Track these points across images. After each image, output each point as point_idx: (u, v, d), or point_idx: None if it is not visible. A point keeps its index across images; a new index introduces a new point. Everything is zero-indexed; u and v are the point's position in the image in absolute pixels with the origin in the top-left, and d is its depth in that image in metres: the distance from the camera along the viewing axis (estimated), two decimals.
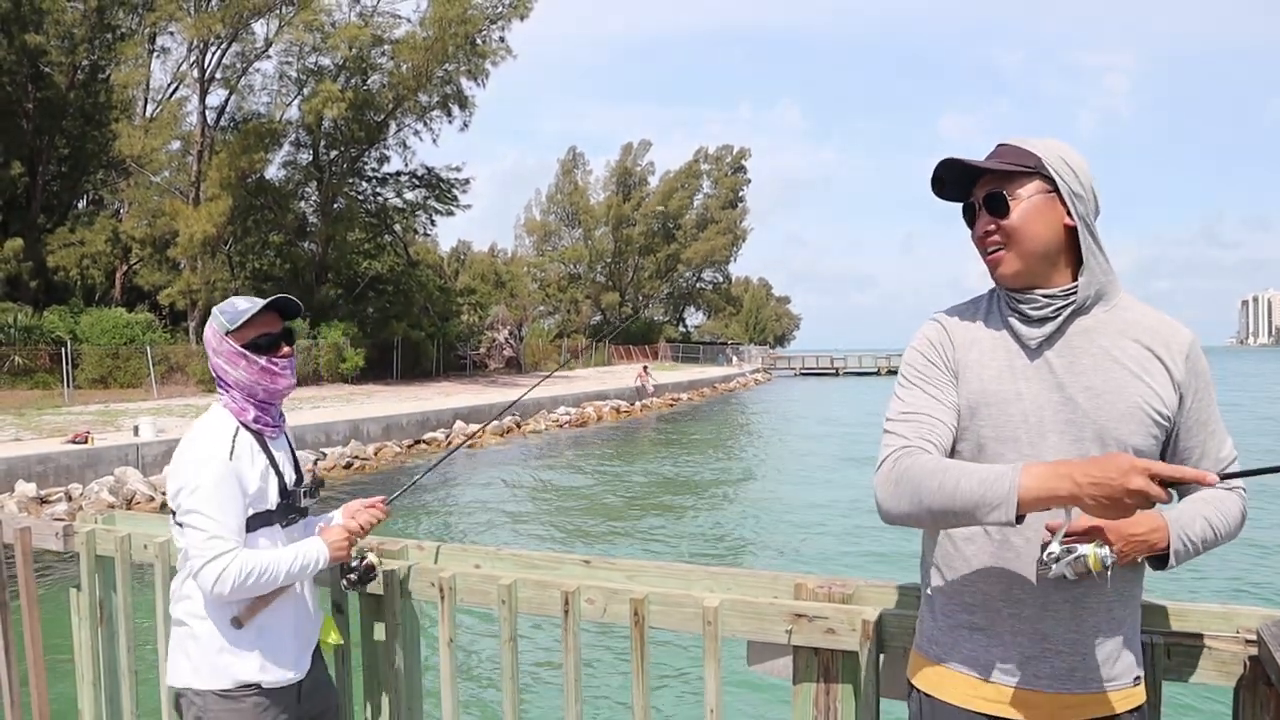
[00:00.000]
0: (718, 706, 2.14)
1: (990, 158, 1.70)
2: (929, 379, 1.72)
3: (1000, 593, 1.66)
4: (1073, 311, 1.67)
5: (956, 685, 1.69)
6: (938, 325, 1.78)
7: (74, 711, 3.15)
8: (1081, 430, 1.62)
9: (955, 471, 1.51)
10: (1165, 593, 2.02)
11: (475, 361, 48.21)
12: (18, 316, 28.85)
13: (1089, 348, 1.66)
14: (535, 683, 7.15)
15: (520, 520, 15.42)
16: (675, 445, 27.33)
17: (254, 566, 2.20)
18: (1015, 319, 1.70)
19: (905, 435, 1.65)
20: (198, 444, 2.26)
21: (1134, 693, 1.67)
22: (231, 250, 37.47)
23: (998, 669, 1.66)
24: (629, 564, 2.43)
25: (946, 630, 1.72)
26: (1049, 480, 1.41)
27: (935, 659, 1.74)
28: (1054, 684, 1.63)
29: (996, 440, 1.65)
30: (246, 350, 2.31)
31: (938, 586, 1.75)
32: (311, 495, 2.48)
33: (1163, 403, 1.64)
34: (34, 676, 3.25)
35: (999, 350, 1.70)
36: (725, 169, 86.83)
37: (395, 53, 37.61)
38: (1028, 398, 1.65)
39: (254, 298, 2.40)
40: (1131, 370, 1.64)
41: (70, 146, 37.28)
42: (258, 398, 2.35)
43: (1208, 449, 1.70)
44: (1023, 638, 1.64)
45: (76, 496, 14.73)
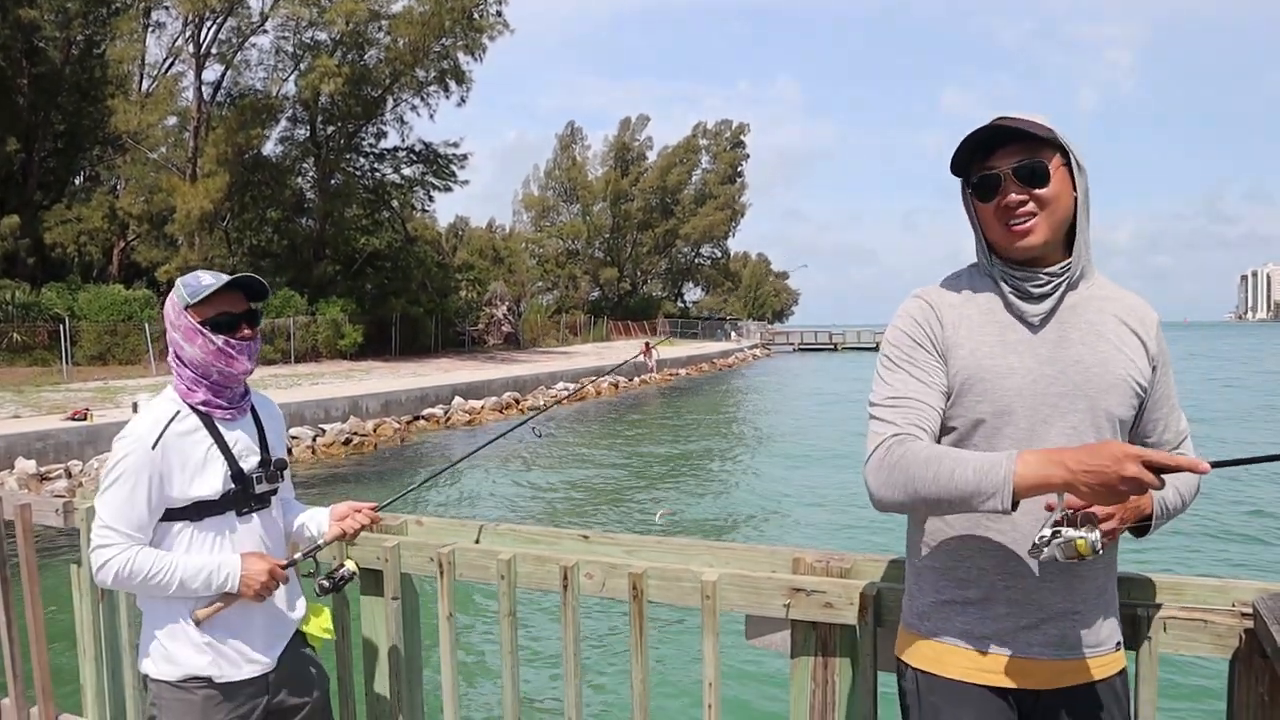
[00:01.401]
0: (716, 679, 2.15)
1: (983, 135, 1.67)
2: (916, 361, 1.71)
3: (995, 566, 1.67)
4: (1066, 287, 1.70)
5: (955, 659, 1.71)
6: (923, 303, 1.76)
7: (76, 687, 3.16)
8: (1074, 403, 1.65)
9: (950, 460, 1.52)
10: (1163, 567, 2.03)
11: (474, 337, 48.17)
12: (15, 294, 28.77)
13: (1077, 323, 1.70)
14: (534, 656, 7.20)
15: (519, 495, 15.47)
16: (674, 421, 27.36)
17: (144, 568, 2.12)
18: (1015, 295, 1.70)
19: (895, 422, 1.65)
20: (131, 428, 2.18)
21: (1117, 657, 1.73)
22: (229, 226, 37.34)
23: (995, 640, 1.68)
24: (628, 539, 2.44)
25: (938, 606, 1.73)
26: (1044, 468, 1.44)
27: (929, 634, 1.75)
28: (1048, 651, 1.66)
29: (993, 416, 1.66)
30: (204, 327, 2.20)
31: (928, 563, 1.76)
32: (270, 480, 2.34)
33: (1142, 375, 1.70)
34: (35, 652, 3.27)
35: (989, 326, 1.71)
36: (724, 144, 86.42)
37: (392, 27, 37.33)
38: (1020, 372, 1.66)
39: (218, 273, 2.28)
40: (1114, 344, 1.69)
41: (66, 122, 37.05)
42: (211, 379, 2.24)
43: (1170, 421, 1.78)
44: (1018, 608, 1.66)
45: (76, 473, 14.77)
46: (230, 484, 2.24)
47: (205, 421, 2.24)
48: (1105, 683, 1.70)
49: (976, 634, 1.69)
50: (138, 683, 3.05)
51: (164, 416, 2.20)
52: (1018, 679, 1.67)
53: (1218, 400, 30.33)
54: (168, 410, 2.21)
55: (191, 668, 2.21)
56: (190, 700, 2.21)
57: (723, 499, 15.29)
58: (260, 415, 2.40)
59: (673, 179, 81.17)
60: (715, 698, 2.15)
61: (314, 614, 2.48)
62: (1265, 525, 12.42)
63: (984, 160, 1.68)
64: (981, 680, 1.68)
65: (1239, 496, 14.07)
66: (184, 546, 2.20)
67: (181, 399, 2.24)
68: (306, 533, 2.48)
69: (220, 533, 2.24)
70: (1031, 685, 1.67)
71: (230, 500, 2.25)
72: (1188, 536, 11.54)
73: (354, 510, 2.44)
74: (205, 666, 2.21)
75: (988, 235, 1.72)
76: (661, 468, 18.59)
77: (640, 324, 71.63)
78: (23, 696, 3.33)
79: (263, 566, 2.23)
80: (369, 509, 2.45)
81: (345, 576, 2.41)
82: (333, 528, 2.41)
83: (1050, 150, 1.65)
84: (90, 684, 3.10)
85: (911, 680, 1.78)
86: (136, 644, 3.02)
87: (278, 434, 2.44)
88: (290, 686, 2.37)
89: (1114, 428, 1.67)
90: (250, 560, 2.23)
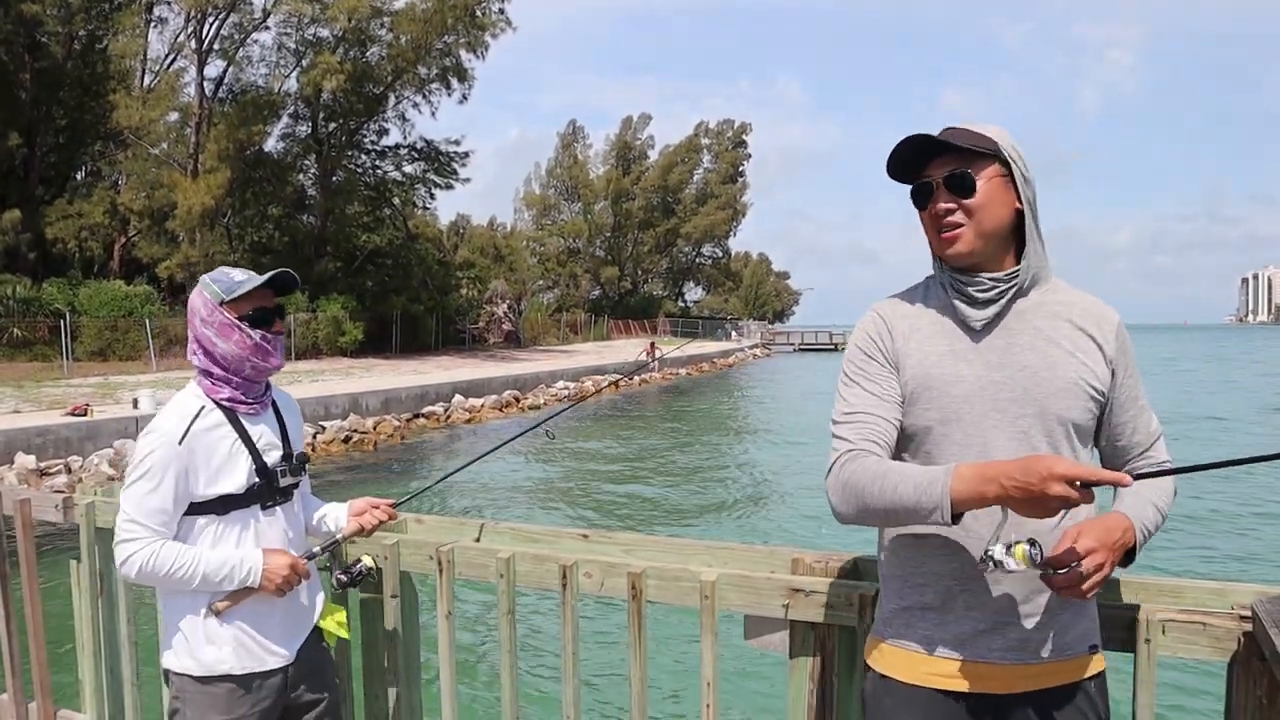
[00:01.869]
0: (714, 679, 2.15)
1: (906, 146, 1.71)
2: (869, 375, 1.75)
3: (952, 571, 1.69)
4: (1014, 294, 1.72)
5: (909, 663, 1.73)
6: (876, 316, 1.80)
7: (74, 682, 3.17)
8: (1023, 408, 1.68)
9: (894, 477, 1.57)
10: (1161, 570, 2.04)
11: (474, 335, 48.17)
12: (16, 288, 28.78)
13: (1025, 329, 1.72)
14: (533, 655, 7.20)
15: (518, 494, 15.47)
16: (674, 420, 27.38)
17: (168, 562, 2.13)
18: (960, 301, 1.73)
19: (849, 439, 1.69)
20: (156, 423, 2.19)
21: (1090, 660, 1.72)
22: (230, 223, 37.36)
23: (950, 645, 1.69)
24: (627, 538, 2.44)
25: (900, 612, 1.76)
26: (977, 484, 1.48)
27: (890, 639, 1.77)
28: (1009, 655, 1.67)
29: (941, 422, 1.69)
30: (242, 323, 2.21)
31: (891, 569, 1.79)
32: (294, 474, 2.36)
33: (1097, 378, 1.71)
34: (34, 647, 3.27)
35: (939, 335, 1.74)
36: (725, 144, 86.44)
37: (394, 24, 37.33)
38: (969, 379, 1.69)
39: (249, 270, 2.30)
40: (1066, 349, 1.71)
41: (68, 117, 37.06)
42: (242, 374, 2.25)
43: (1139, 423, 1.78)
44: (976, 612, 1.68)
45: (76, 469, 14.76)
46: (255, 478, 2.26)
47: (230, 416, 2.25)
48: (1075, 686, 1.69)
49: (934, 638, 1.71)
50: (136, 679, 3.06)
51: (190, 412, 2.21)
52: (975, 683, 1.67)
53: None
54: (193, 405, 2.22)
55: (214, 661, 2.22)
56: (213, 694, 2.23)
57: (722, 498, 15.28)
58: (281, 410, 2.42)
59: (674, 178, 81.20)
60: (714, 697, 2.15)
61: (330, 611, 2.49)
62: (1265, 528, 12.43)
63: (921, 169, 1.72)
64: (934, 684, 1.70)
65: (1239, 499, 14.08)
66: (209, 541, 2.22)
67: (206, 394, 2.25)
68: (325, 527, 2.51)
69: (244, 527, 2.26)
70: (990, 689, 1.67)
71: (255, 494, 2.27)
72: (1188, 539, 11.55)
73: (372, 506, 2.46)
74: (228, 659, 2.23)
75: (929, 241, 1.77)
76: (660, 466, 18.59)
77: (641, 323, 71.65)
78: (21, 692, 3.33)
79: (284, 561, 2.25)
80: (387, 505, 2.47)
81: (363, 571, 2.44)
82: (351, 523, 2.44)
83: (986, 161, 1.68)
84: (89, 680, 3.11)
85: (870, 682, 1.80)
86: (135, 640, 3.03)
87: (297, 429, 2.46)
88: (307, 682, 2.38)
89: (1068, 432, 1.69)
90: (272, 555, 2.25)
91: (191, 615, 2.23)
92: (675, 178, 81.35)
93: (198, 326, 2.25)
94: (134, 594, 3.03)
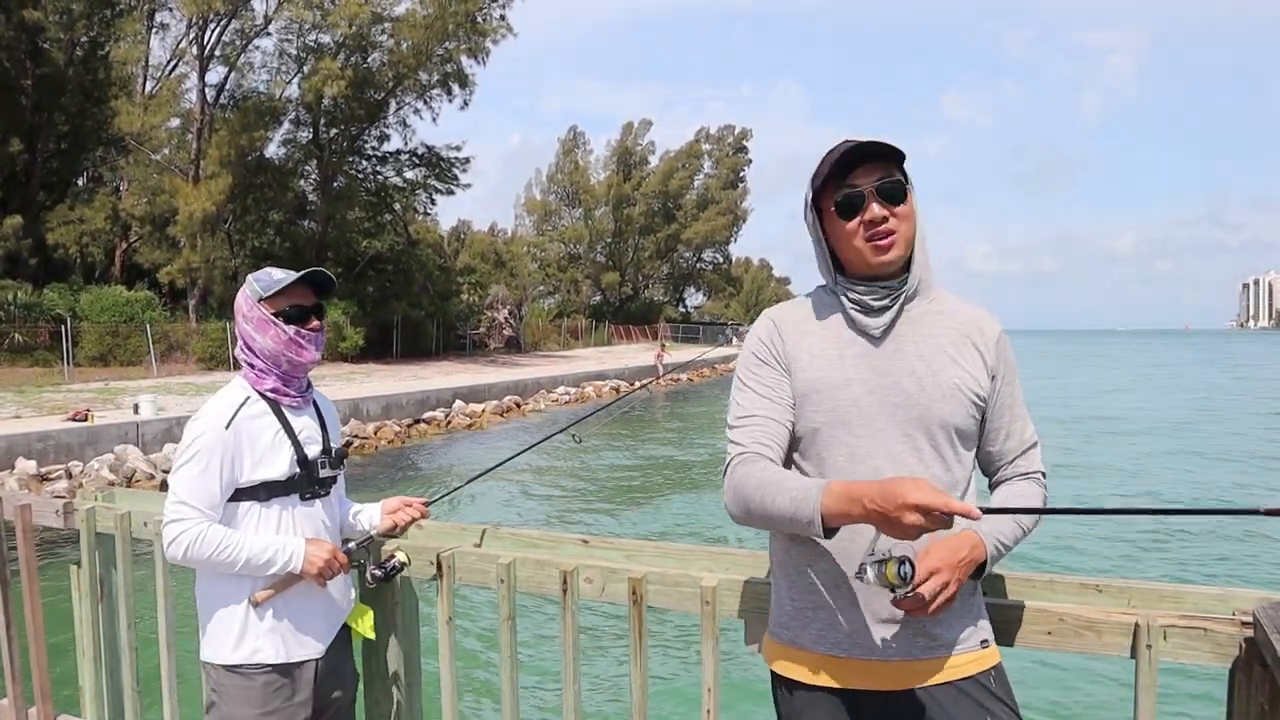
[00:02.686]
0: (715, 685, 2.15)
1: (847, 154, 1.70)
2: (761, 379, 1.79)
3: (836, 572, 1.73)
4: (904, 301, 1.77)
5: (810, 664, 1.76)
6: (769, 322, 1.85)
7: (75, 687, 3.16)
8: (908, 412, 1.72)
9: (774, 488, 1.62)
10: (1161, 576, 2.04)
11: (475, 341, 48.19)
12: (17, 294, 28.77)
13: (912, 335, 1.77)
14: (534, 661, 7.19)
15: (519, 499, 15.46)
16: (675, 425, 27.37)
17: (213, 544, 2.21)
18: (855, 310, 1.77)
19: (741, 442, 1.75)
20: (204, 410, 2.30)
21: (983, 655, 1.76)
22: (231, 228, 37.36)
23: (844, 644, 1.73)
24: (627, 543, 2.44)
25: (794, 614, 1.79)
26: (844, 503, 1.52)
27: (787, 642, 1.81)
28: (899, 652, 1.71)
29: (829, 425, 1.74)
30: (277, 319, 2.33)
31: (784, 572, 1.83)
32: (332, 466, 2.45)
33: (979, 384, 1.77)
34: (35, 652, 3.27)
35: (830, 340, 1.78)
36: (726, 149, 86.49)
37: (395, 30, 37.36)
38: (857, 384, 1.74)
39: (288, 269, 2.42)
40: (950, 355, 1.76)
41: (69, 123, 37.08)
42: (281, 368, 2.36)
43: (1013, 429, 1.84)
44: (865, 610, 1.72)
45: (77, 474, 14.76)
46: (296, 468, 2.36)
47: (273, 407, 2.36)
48: (970, 680, 1.73)
49: (829, 639, 1.75)
50: (136, 684, 3.06)
51: (236, 400, 2.31)
52: (869, 680, 1.72)
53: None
54: (239, 395, 2.33)
55: (252, 650, 2.28)
56: (250, 685, 2.28)
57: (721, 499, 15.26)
58: (320, 408, 2.52)
59: (675, 184, 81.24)
60: (714, 703, 2.15)
61: (360, 612, 2.55)
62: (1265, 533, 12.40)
63: (843, 179, 1.73)
64: (832, 683, 1.74)
65: (1240, 500, 14.06)
66: (251, 526, 2.30)
67: (251, 386, 2.36)
68: (359, 525, 2.60)
69: (286, 514, 2.34)
70: (880, 686, 1.71)
71: (296, 484, 2.35)
72: (1188, 541, 11.54)
73: (405, 504, 2.57)
74: (266, 649, 2.29)
75: (842, 253, 1.78)
76: (661, 471, 18.57)
77: (642, 328, 71.63)
78: (22, 697, 3.33)
79: (326, 548, 2.34)
80: (420, 504, 2.58)
81: (397, 566, 2.48)
82: (384, 520, 2.54)
83: (899, 169, 1.73)
84: (89, 685, 3.10)
85: (775, 686, 1.85)
86: (135, 645, 3.03)
87: (335, 427, 2.55)
88: (333, 680, 2.45)
89: (950, 436, 1.74)
90: (314, 543, 2.34)
91: (231, 605, 2.30)
92: (676, 183, 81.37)
93: (240, 322, 2.38)
94: (135, 599, 3.03)
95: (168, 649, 2.93)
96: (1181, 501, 14.98)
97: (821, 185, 1.75)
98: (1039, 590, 1.95)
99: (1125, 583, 1.93)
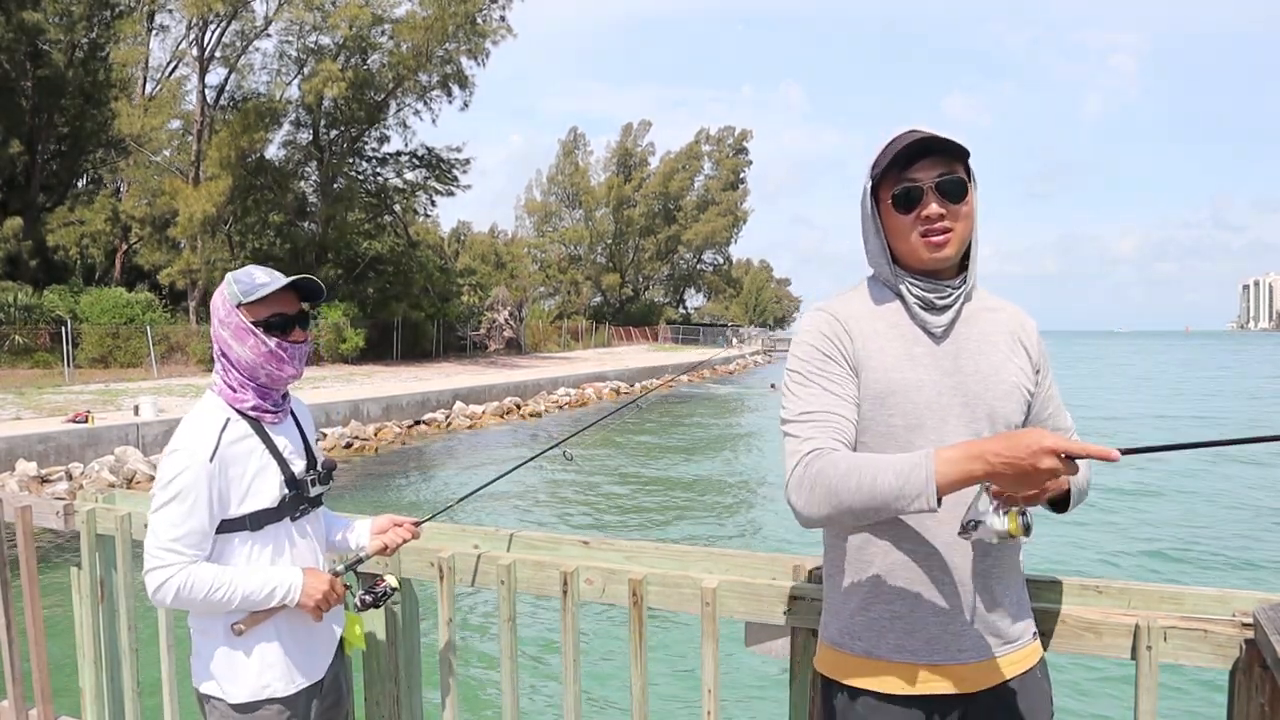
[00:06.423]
0: (715, 686, 2.15)
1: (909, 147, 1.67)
2: (828, 374, 1.71)
3: (919, 578, 1.70)
4: (963, 301, 1.75)
5: (892, 675, 1.71)
6: (829, 317, 1.76)
7: (75, 689, 3.16)
8: (975, 411, 1.70)
9: (871, 468, 1.52)
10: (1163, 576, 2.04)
11: (475, 342, 48.18)
12: (17, 295, 28.77)
13: (971, 334, 1.76)
14: (534, 662, 7.19)
15: (519, 500, 15.45)
16: (675, 427, 27.36)
17: (204, 586, 2.04)
18: (919, 307, 1.73)
19: (812, 436, 1.63)
20: (181, 440, 2.08)
21: (1035, 648, 1.78)
22: (231, 230, 37.35)
23: (923, 651, 1.70)
24: (627, 544, 2.44)
25: (867, 624, 1.73)
26: (963, 463, 1.45)
27: (863, 653, 1.74)
28: (975, 655, 1.70)
29: (906, 429, 1.69)
30: (257, 328, 2.12)
31: (853, 580, 1.76)
32: (323, 483, 2.29)
33: (1030, 380, 1.78)
34: (35, 654, 3.27)
35: (895, 339, 1.74)
36: (726, 150, 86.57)
37: (395, 32, 37.38)
38: (929, 385, 1.70)
39: (274, 271, 2.19)
40: (1005, 354, 1.76)
41: (69, 125, 37.09)
42: (258, 381, 2.15)
43: (1056, 421, 1.85)
44: (944, 616, 1.69)
45: (77, 475, 14.76)
46: (285, 489, 2.18)
47: (255, 427, 2.16)
48: (1028, 674, 1.74)
49: (908, 647, 1.70)
50: (137, 686, 3.06)
51: (215, 425, 2.10)
52: (953, 685, 1.69)
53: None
54: (218, 418, 2.12)
55: (260, 687, 2.15)
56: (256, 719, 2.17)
57: (722, 505, 15.27)
58: (297, 416, 2.34)
59: (675, 185, 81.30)
60: (714, 704, 2.15)
61: (351, 622, 2.44)
62: (1265, 534, 12.40)
63: (903, 171, 1.69)
64: (923, 691, 1.70)
65: (1240, 503, 14.06)
66: (244, 558, 2.13)
67: (228, 404, 2.16)
68: (347, 544, 2.42)
69: (278, 541, 2.18)
70: (969, 688, 1.69)
71: (286, 506, 2.19)
72: (1188, 543, 11.53)
73: (394, 524, 2.38)
74: (275, 684, 2.16)
75: (897, 245, 1.74)
76: (661, 473, 18.57)
77: (642, 330, 71.65)
78: (22, 699, 3.33)
79: (323, 581, 2.18)
80: (410, 524, 2.39)
81: (386, 591, 2.36)
82: (374, 541, 2.35)
83: (962, 165, 1.69)
84: (89, 687, 3.10)
85: (844, 699, 1.76)
86: (136, 647, 3.02)
87: (312, 434, 2.38)
88: (334, 694, 2.36)
89: None
90: (311, 575, 2.18)
91: (219, 638, 2.15)
92: (676, 184, 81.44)
93: (216, 327, 2.17)
94: (135, 601, 3.03)
95: (168, 650, 2.93)
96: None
97: (881, 175, 1.71)
98: (1040, 591, 1.95)
99: (1125, 584, 1.94)
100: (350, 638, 2.43)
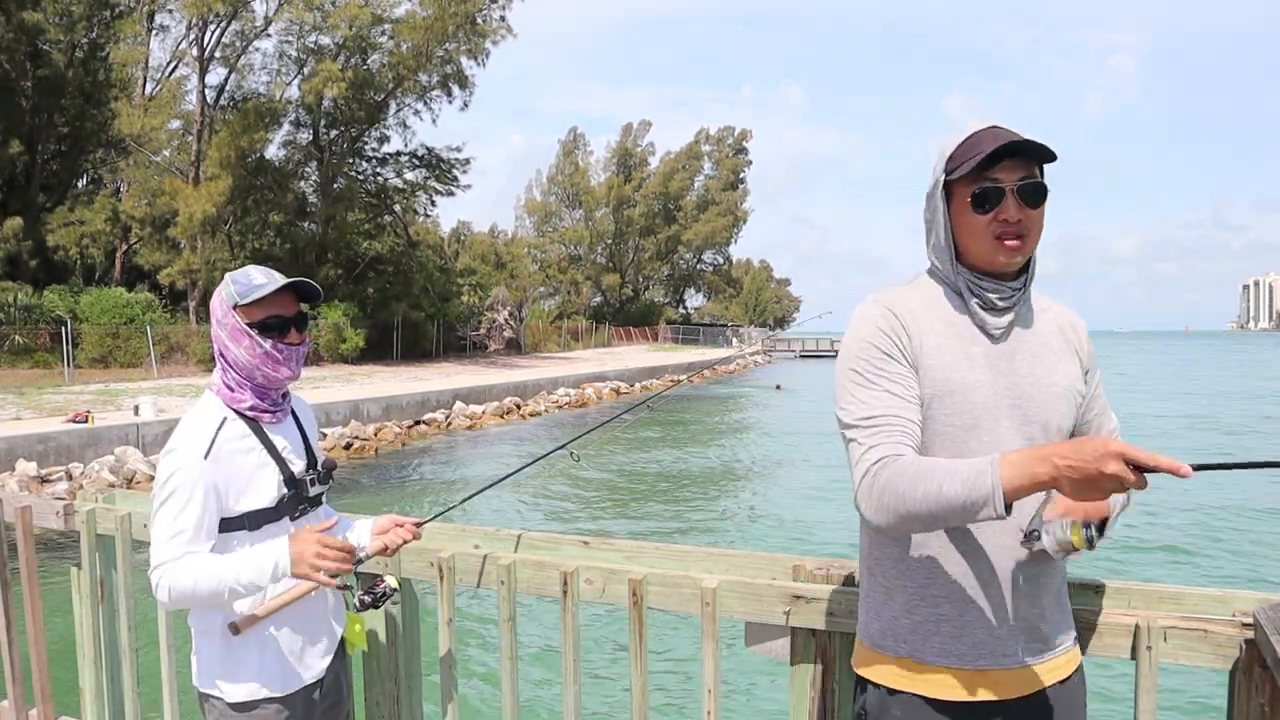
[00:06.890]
0: (715, 686, 2.15)
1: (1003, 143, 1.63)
2: (889, 374, 1.65)
3: (968, 582, 1.68)
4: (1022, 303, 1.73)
5: (941, 679, 1.69)
6: (886, 311, 1.71)
7: (75, 689, 3.16)
8: (1027, 414, 1.68)
9: (937, 476, 1.48)
10: (1163, 577, 2.04)
11: (475, 342, 48.20)
12: (17, 295, 28.77)
13: (1026, 335, 1.74)
14: (534, 662, 7.19)
15: (519, 500, 15.45)
16: (674, 427, 27.36)
17: (195, 577, 2.00)
18: (979, 306, 1.70)
19: (878, 444, 1.59)
20: (177, 440, 2.08)
21: (1075, 655, 1.78)
22: (231, 230, 37.35)
23: (970, 656, 1.68)
24: (627, 544, 2.44)
25: (912, 627, 1.71)
26: (1029, 467, 1.40)
27: (908, 655, 1.72)
28: (1021, 660, 1.69)
29: (961, 429, 1.66)
30: (252, 329, 2.12)
31: (898, 582, 1.73)
32: (322, 482, 2.28)
33: (1081, 382, 1.77)
34: (35, 654, 3.27)
35: (952, 338, 1.70)
36: (726, 150, 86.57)
37: (395, 32, 37.40)
38: (985, 386, 1.68)
39: (272, 272, 2.18)
40: (1058, 356, 1.75)
41: (69, 125, 37.10)
42: (255, 381, 2.16)
43: (1101, 423, 1.83)
44: (992, 621, 1.67)
45: (77, 475, 14.77)
46: (284, 489, 2.18)
47: (253, 427, 2.17)
48: (1068, 681, 1.74)
49: (953, 650, 1.68)
50: (137, 686, 3.06)
51: (212, 424, 2.11)
52: (998, 690, 1.67)
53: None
54: (215, 417, 2.13)
55: (259, 685, 2.15)
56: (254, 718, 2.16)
57: (722, 505, 15.27)
58: (298, 415, 2.34)
59: (675, 185, 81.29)
60: (715, 704, 2.15)
61: (352, 621, 2.43)
62: (1266, 535, 12.41)
63: (984, 169, 1.63)
64: (965, 696, 1.68)
65: (1240, 503, 14.05)
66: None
67: (226, 404, 2.16)
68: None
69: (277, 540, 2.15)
70: (1010, 694, 1.68)
71: (285, 506, 2.18)
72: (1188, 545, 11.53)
73: (396, 524, 2.34)
74: (273, 682, 2.16)
75: (966, 244, 1.69)
76: (661, 473, 18.57)
77: (642, 330, 71.66)
78: (22, 699, 3.33)
79: (311, 539, 2.05)
80: (411, 524, 2.35)
81: (386, 592, 2.33)
82: (375, 542, 2.30)
83: (1039, 169, 1.66)
84: (89, 686, 3.10)
85: (873, 698, 1.75)
86: (136, 647, 3.03)
87: (314, 433, 2.37)
88: (334, 694, 2.36)
89: (1062, 438, 1.71)
90: (296, 540, 2.06)
91: (217, 638, 2.15)
92: (676, 184, 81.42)
93: (214, 327, 2.18)
94: (135, 601, 3.03)
95: (168, 650, 2.93)
96: None
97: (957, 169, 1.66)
98: None
99: (1125, 584, 1.94)
100: (351, 637, 2.42)
